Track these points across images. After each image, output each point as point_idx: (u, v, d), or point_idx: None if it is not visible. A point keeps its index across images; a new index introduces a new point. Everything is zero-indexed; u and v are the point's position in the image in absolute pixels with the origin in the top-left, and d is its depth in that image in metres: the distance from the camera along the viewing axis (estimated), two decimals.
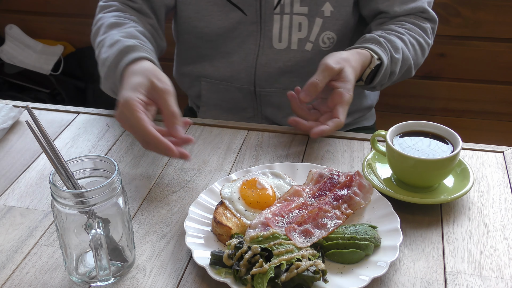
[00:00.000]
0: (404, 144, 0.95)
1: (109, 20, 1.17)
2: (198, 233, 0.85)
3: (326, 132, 1.03)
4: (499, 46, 1.84)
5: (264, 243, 0.78)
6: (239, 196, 0.89)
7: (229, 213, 0.87)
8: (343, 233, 0.82)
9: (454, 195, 0.91)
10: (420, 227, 0.89)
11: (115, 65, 1.05)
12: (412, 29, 1.24)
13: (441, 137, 0.95)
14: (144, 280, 0.80)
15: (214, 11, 1.24)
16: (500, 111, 1.94)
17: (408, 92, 1.98)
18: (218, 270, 0.78)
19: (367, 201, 0.90)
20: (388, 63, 1.15)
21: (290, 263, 0.76)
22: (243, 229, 0.85)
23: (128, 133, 1.14)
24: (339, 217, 0.85)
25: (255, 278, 0.74)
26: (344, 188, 0.90)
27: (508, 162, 1.03)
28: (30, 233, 0.89)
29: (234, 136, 1.13)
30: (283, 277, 0.74)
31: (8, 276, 0.81)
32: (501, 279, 0.79)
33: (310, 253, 0.78)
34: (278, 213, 0.86)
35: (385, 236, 0.83)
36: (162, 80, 0.97)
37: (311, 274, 0.74)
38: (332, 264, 0.80)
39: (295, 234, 0.82)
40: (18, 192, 0.98)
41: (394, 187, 0.94)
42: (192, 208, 0.89)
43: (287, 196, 0.90)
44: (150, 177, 1.01)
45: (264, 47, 1.26)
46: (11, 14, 2.29)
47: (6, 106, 1.19)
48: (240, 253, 0.77)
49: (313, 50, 1.26)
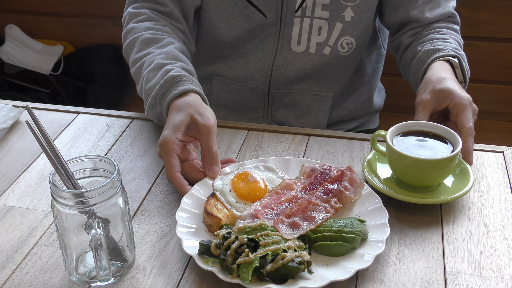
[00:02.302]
0: (404, 144, 0.95)
1: (144, 35, 1.15)
2: (189, 224, 0.87)
3: (470, 147, 0.98)
4: (499, 46, 1.84)
5: (251, 234, 0.80)
6: (230, 188, 0.91)
7: (220, 204, 0.89)
8: (331, 226, 0.83)
9: (454, 195, 0.91)
10: (420, 227, 0.89)
11: (161, 97, 1.03)
12: (450, 33, 1.22)
13: (441, 137, 0.95)
14: (144, 280, 0.80)
15: (235, 12, 1.24)
16: (500, 111, 1.95)
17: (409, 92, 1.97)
18: (206, 259, 0.80)
19: (358, 195, 0.91)
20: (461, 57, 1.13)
21: (276, 253, 0.77)
22: (233, 220, 0.87)
23: (128, 133, 1.14)
24: (328, 211, 0.87)
25: (241, 267, 0.76)
26: (335, 182, 0.92)
27: (508, 162, 1.03)
28: (30, 233, 0.89)
29: (234, 136, 1.13)
30: (268, 267, 0.76)
31: (8, 276, 0.81)
32: (501, 279, 0.79)
33: (297, 245, 0.80)
34: (268, 206, 0.88)
35: (373, 230, 0.84)
36: (204, 116, 0.97)
37: (296, 265, 0.76)
38: (319, 256, 0.82)
39: (282, 226, 0.83)
40: (18, 192, 0.98)
41: (394, 187, 0.94)
42: (184, 199, 0.90)
43: (278, 189, 0.92)
44: (150, 177, 1.01)
45: (282, 49, 1.26)
46: (11, 14, 2.29)
47: (6, 106, 1.19)
48: (227, 243, 0.79)
49: (331, 54, 1.25)
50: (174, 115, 0.99)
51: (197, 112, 0.97)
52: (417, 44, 1.22)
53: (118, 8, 1.44)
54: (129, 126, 1.17)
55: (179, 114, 0.98)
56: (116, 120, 1.19)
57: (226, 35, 1.27)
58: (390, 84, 1.97)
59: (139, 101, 1.16)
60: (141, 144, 1.11)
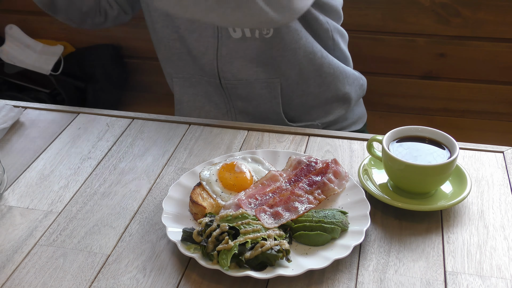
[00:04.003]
0: (401, 149, 0.93)
1: None
2: (174, 212, 0.89)
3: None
4: (499, 46, 1.84)
5: (232, 222, 0.83)
6: (216, 178, 0.93)
7: (205, 194, 0.91)
8: (312, 217, 0.85)
9: (451, 202, 0.90)
10: (420, 227, 0.89)
11: None
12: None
13: (438, 142, 0.94)
14: (144, 280, 0.80)
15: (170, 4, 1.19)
16: (500, 111, 1.94)
17: (408, 92, 1.98)
18: (188, 246, 0.82)
19: (342, 188, 0.93)
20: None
21: (255, 241, 0.80)
22: (217, 209, 0.89)
23: (128, 133, 1.14)
24: (311, 202, 0.89)
25: (221, 254, 0.79)
26: (319, 174, 0.94)
27: (508, 162, 1.03)
28: (30, 233, 0.89)
29: (234, 136, 1.13)
30: (248, 254, 0.78)
31: (8, 276, 0.81)
32: (501, 279, 0.79)
33: (277, 234, 0.82)
34: (252, 196, 0.90)
35: (354, 222, 0.86)
36: None
37: (275, 253, 0.78)
38: (300, 245, 0.84)
39: (264, 215, 0.86)
40: (18, 192, 0.98)
41: (390, 193, 0.93)
42: (172, 188, 0.93)
43: (264, 180, 0.94)
44: (150, 177, 1.01)
45: (222, 38, 1.26)
46: (11, 14, 2.29)
47: (6, 106, 1.19)
48: (209, 230, 0.81)
49: (260, 37, 1.24)
50: None
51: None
52: None
53: None
54: (129, 126, 1.17)
55: None
56: (116, 120, 1.19)
57: (168, 29, 1.29)
58: (391, 84, 1.97)
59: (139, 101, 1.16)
60: (141, 144, 1.11)
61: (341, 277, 0.80)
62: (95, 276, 0.81)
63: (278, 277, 0.78)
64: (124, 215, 0.92)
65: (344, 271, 0.81)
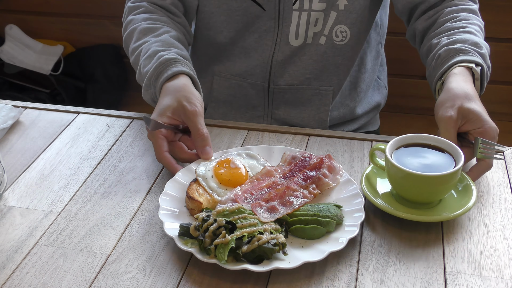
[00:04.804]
0: (404, 158, 0.91)
1: (142, 25, 1.20)
2: (171, 207, 0.90)
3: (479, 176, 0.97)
4: (499, 46, 1.84)
5: (229, 216, 0.84)
6: (212, 174, 0.95)
7: (202, 189, 0.92)
8: (307, 211, 0.86)
9: (455, 213, 0.87)
10: (420, 227, 0.89)
11: (155, 79, 1.08)
12: (468, 18, 1.14)
13: (443, 151, 0.91)
14: (144, 280, 0.80)
15: (234, 6, 1.26)
16: (500, 111, 1.94)
17: (409, 92, 1.98)
18: (185, 241, 0.83)
19: (336, 182, 0.94)
20: (483, 62, 1.05)
21: (252, 235, 0.81)
22: (214, 205, 0.90)
23: (128, 133, 1.14)
24: (306, 196, 0.90)
25: (218, 248, 0.79)
26: (314, 169, 0.95)
27: (508, 162, 1.03)
28: (30, 233, 0.89)
29: (234, 136, 1.13)
30: (245, 248, 0.79)
31: (8, 276, 0.81)
32: (501, 279, 0.79)
33: (273, 228, 0.83)
34: (248, 191, 0.91)
35: (349, 215, 0.87)
36: (191, 102, 1.01)
37: (271, 247, 0.79)
38: (296, 239, 0.85)
39: (260, 210, 0.87)
40: (18, 192, 0.98)
41: (393, 203, 0.91)
42: (168, 184, 0.93)
43: (259, 176, 0.95)
44: (150, 177, 1.01)
45: (280, 44, 1.27)
46: (11, 14, 2.29)
47: (6, 106, 1.19)
48: (206, 225, 0.82)
49: (326, 44, 1.26)
50: (163, 99, 1.04)
51: (185, 98, 1.01)
52: (433, 35, 1.15)
53: (118, 8, 1.44)
54: (129, 126, 1.17)
55: (167, 98, 1.03)
56: (116, 120, 1.19)
57: (227, 28, 1.29)
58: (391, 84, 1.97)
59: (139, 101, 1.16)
60: (141, 144, 1.11)
61: (341, 277, 0.80)
62: (95, 276, 0.81)
63: (279, 276, 0.79)
64: (124, 215, 0.92)
65: (344, 271, 0.81)
